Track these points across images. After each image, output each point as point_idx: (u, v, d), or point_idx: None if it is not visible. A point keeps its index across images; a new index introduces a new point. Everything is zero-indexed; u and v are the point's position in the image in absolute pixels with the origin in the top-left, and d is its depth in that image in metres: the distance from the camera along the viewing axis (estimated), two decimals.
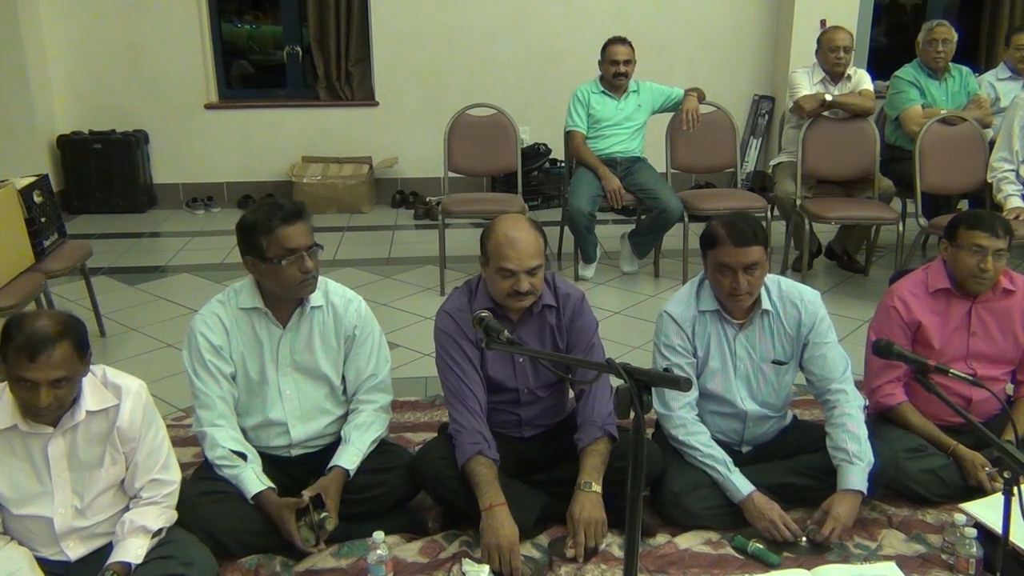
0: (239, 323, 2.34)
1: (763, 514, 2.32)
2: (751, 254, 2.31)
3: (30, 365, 1.80)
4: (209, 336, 2.31)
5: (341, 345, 2.42)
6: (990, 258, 2.50)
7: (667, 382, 1.58)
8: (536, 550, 2.32)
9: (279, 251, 2.21)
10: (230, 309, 2.35)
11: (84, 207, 6.17)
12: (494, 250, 2.24)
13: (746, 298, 2.38)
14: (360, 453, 2.36)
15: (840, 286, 4.67)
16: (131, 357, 3.72)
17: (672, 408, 2.44)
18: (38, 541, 2.01)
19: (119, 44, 6.12)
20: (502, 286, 2.25)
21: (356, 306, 2.44)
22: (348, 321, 2.41)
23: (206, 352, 2.30)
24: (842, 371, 2.46)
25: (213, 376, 2.31)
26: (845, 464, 2.34)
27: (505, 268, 2.22)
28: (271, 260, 2.22)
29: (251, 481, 2.25)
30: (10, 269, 3.36)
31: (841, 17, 5.59)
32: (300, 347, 2.38)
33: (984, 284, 2.56)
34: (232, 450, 2.27)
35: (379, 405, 2.47)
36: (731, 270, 2.33)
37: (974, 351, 2.61)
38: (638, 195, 4.63)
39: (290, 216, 2.23)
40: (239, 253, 2.31)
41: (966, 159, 4.39)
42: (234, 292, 2.37)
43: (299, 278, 2.24)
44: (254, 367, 2.36)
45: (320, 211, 6.19)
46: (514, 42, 6.35)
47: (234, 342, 2.34)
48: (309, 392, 2.41)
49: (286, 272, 2.23)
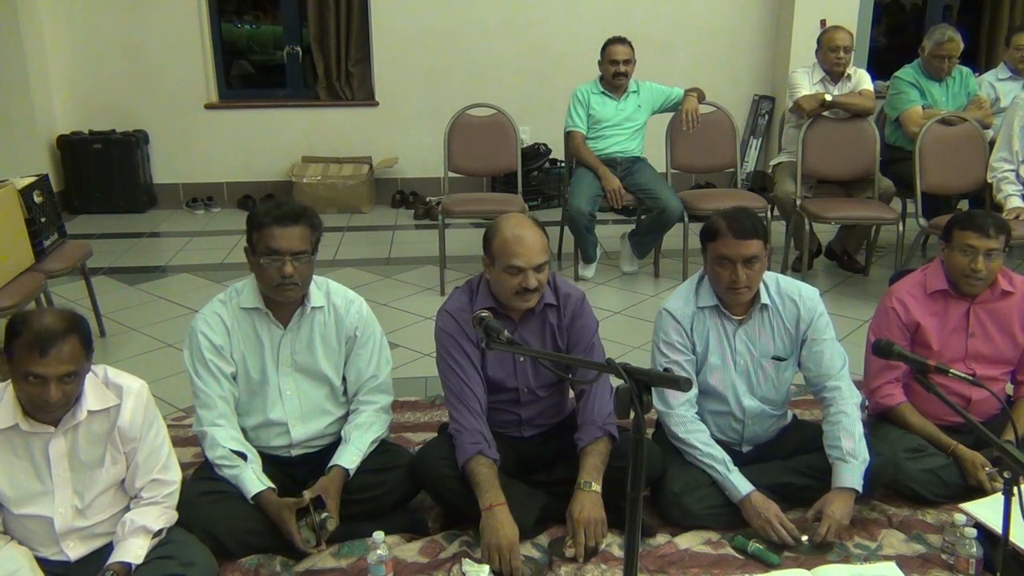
0: (240, 323, 2.35)
1: (760, 514, 2.32)
2: (751, 247, 2.32)
3: (41, 360, 1.81)
4: (210, 335, 2.31)
5: (342, 346, 2.42)
6: (981, 258, 2.50)
7: (667, 382, 1.58)
8: (536, 550, 2.32)
9: (263, 248, 2.23)
10: (231, 309, 2.35)
11: (84, 207, 6.17)
12: (501, 248, 2.25)
13: (745, 292, 2.38)
14: (360, 453, 2.36)
15: (840, 286, 4.67)
16: (131, 357, 3.72)
17: (672, 405, 2.45)
18: (38, 541, 2.01)
19: (119, 44, 6.12)
20: (510, 284, 2.25)
21: (358, 307, 2.44)
22: (349, 322, 2.41)
23: (207, 352, 2.31)
24: (839, 368, 2.46)
25: (214, 375, 2.31)
26: (839, 462, 2.35)
27: (513, 265, 2.23)
28: (256, 255, 2.25)
29: (251, 481, 2.25)
30: (10, 269, 3.37)
31: (841, 17, 5.59)
32: (301, 347, 2.38)
33: (976, 285, 2.55)
34: (232, 450, 2.27)
35: (380, 406, 2.47)
36: (731, 263, 2.34)
37: (972, 352, 2.61)
38: (638, 195, 4.63)
39: (284, 218, 2.23)
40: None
41: (966, 159, 4.39)
42: (236, 292, 2.37)
43: (276, 280, 2.24)
44: (255, 367, 2.36)
45: (320, 211, 6.04)
46: (514, 42, 6.35)
47: (235, 342, 2.34)
48: (309, 392, 2.42)
49: (265, 271, 2.25)
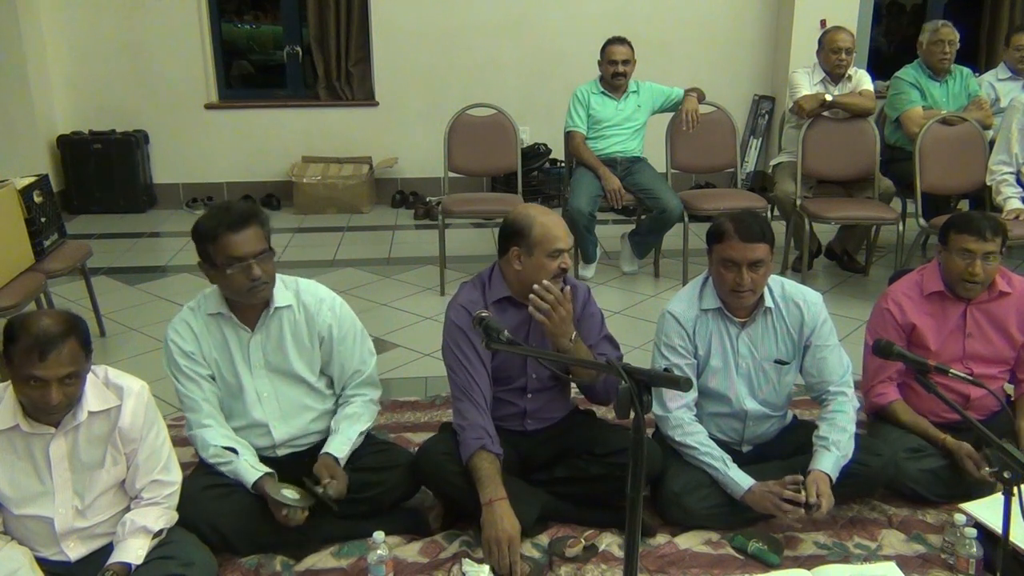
0: (208, 328, 2.33)
1: (761, 502, 2.32)
2: (757, 251, 2.31)
3: (41, 364, 1.81)
4: (180, 343, 2.31)
5: (316, 345, 2.40)
6: (979, 262, 2.49)
7: (667, 382, 1.58)
8: (536, 550, 2.32)
9: (225, 259, 2.19)
10: (199, 315, 2.34)
11: (84, 207, 6.17)
12: (543, 235, 2.28)
13: (748, 296, 2.38)
14: (349, 442, 2.36)
15: (840, 286, 4.68)
16: (131, 357, 3.72)
17: (669, 409, 2.45)
18: (39, 541, 2.01)
19: (119, 44, 6.12)
20: (550, 268, 2.29)
21: (329, 304, 2.41)
22: (322, 320, 2.39)
23: (180, 358, 2.30)
24: (840, 375, 2.47)
25: (193, 380, 2.31)
26: (822, 450, 2.37)
27: (558, 248, 2.29)
28: (219, 267, 2.21)
29: (247, 471, 2.25)
30: (10, 269, 3.36)
31: (841, 17, 5.60)
32: (271, 348, 2.36)
33: (973, 289, 2.55)
34: (223, 446, 2.27)
35: (368, 398, 2.47)
36: (736, 265, 2.33)
37: (970, 352, 2.61)
38: (638, 195, 4.63)
39: (236, 223, 2.19)
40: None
41: (966, 159, 4.39)
42: (204, 298, 2.36)
43: (247, 285, 2.22)
44: (228, 371, 2.35)
45: (320, 211, 6.20)
46: (514, 42, 6.36)
47: (205, 348, 2.33)
48: (287, 392, 2.40)
49: (234, 279, 2.21)
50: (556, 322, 2.23)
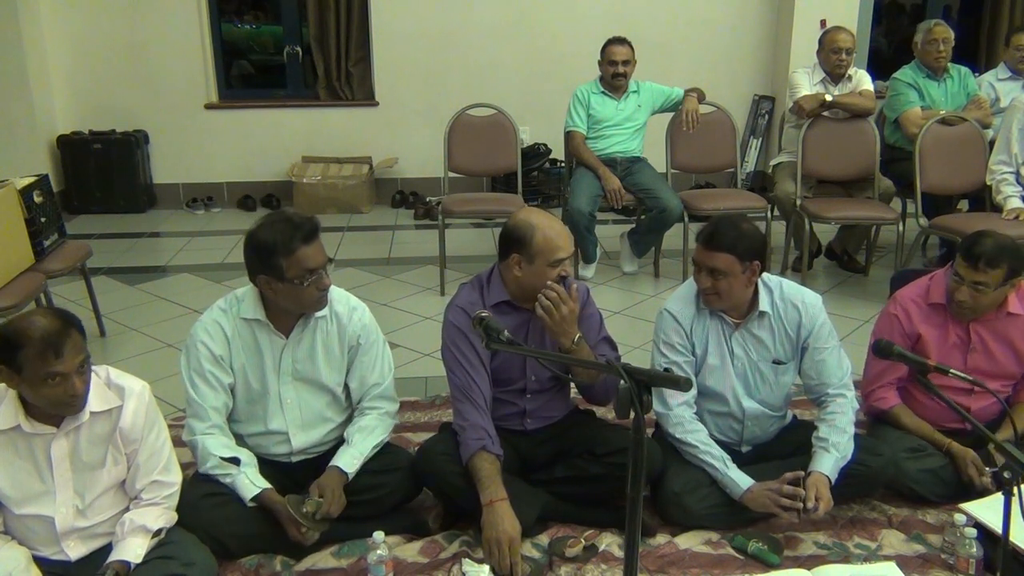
0: (240, 332, 2.29)
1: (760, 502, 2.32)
2: (715, 259, 2.33)
3: (58, 360, 1.83)
4: (211, 345, 2.26)
5: (345, 354, 2.39)
6: (965, 288, 2.46)
7: (667, 382, 1.58)
8: (536, 550, 2.32)
9: (300, 272, 2.16)
10: (231, 317, 2.29)
11: (84, 207, 6.18)
12: (545, 244, 2.26)
13: (713, 299, 2.40)
14: (361, 457, 2.34)
15: (840, 286, 4.68)
16: (131, 357, 3.72)
17: (670, 406, 2.45)
18: (39, 540, 2.01)
19: (119, 44, 6.12)
20: (550, 276, 2.28)
21: (360, 315, 2.40)
22: (352, 330, 2.37)
23: (206, 362, 2.26)
24: (840, 377, 2.47)
25: (211, 386, 2.27)
26: (821, 451, 2.37)
27: (559, 258, 2.28)
28: (290, 281, 2.17)
29: (246, 487, 2.23)
30: (10, 269, 3.37)
31: (841, 17, 5.60)
32: (302, 357, 2.34)
33: (961, 313, 2.53)
34: (224, 457, 2.25)
35: (385, 411, 2.46)
36: (697, 268, 2.39)
37: (972, 366, 2.56)
38: (638, 195, 4.63)
39: (309, 235, 2.18)
40: (248, 271, 2.23)
41: (966, 159, 4.39)
42: (236, 300, 2.32)
43: (317, 296, 2.22)
44: (255, 377, 2.32)
45: (320, 211, 6.19)
46: (514, 42, 6.36)
47: (235, 352, 2.29)
48: (310, 401, 2.38)
49: (306, 292, 2.19)
50: (557, 320, 2.23)
